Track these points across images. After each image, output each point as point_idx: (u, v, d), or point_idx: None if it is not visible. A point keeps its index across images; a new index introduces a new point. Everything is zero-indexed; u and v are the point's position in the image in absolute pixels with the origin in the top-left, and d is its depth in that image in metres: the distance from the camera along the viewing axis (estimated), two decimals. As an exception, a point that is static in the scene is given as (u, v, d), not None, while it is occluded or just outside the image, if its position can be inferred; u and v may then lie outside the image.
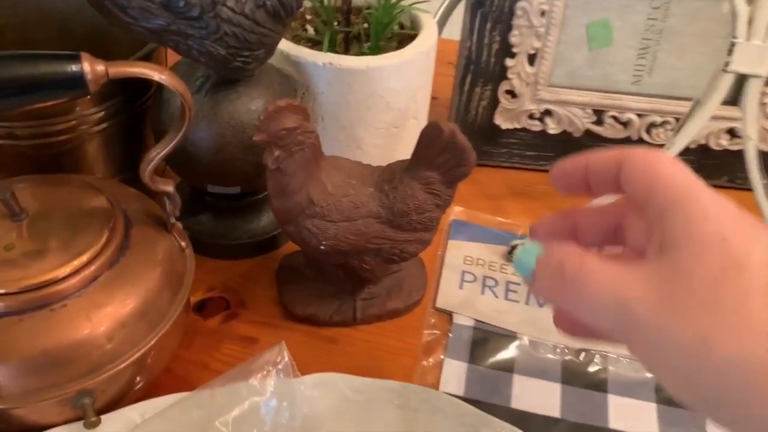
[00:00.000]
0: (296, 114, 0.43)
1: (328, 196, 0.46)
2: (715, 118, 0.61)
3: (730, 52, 0.52)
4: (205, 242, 0.58)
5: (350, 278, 0.53)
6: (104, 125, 0.53)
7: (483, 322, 0.54)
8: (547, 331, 0.54)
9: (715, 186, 0.71)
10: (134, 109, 0.56)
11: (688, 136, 0.56)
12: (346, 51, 0.63)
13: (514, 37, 0.64)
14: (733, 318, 0.23)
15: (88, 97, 0.43)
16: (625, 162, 0.28)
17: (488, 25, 0.64)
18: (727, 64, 0.52)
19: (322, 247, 0.48)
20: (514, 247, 0.60)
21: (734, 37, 0.52)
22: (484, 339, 0.53)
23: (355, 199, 0.47)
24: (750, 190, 0.58)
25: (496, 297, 0.57)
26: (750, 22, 0.51)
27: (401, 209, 0.47)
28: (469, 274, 0.59)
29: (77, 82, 0.36)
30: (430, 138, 0.44)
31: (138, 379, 0.43)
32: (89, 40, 0.62)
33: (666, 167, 0.27)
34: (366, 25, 0.65)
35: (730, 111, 0.59)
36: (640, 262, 0.26)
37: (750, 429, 0.24)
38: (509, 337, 0.54)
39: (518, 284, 0.58)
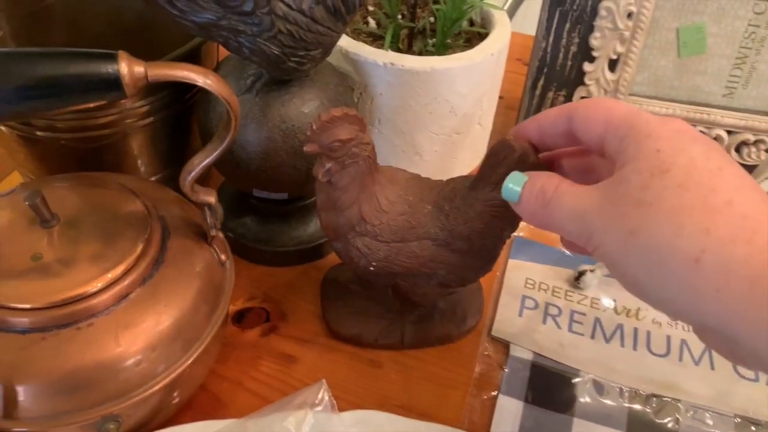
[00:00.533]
0: (352, 124, 0.39)
1: (381, 214, 0.42)
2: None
3: None
4: (248, 247, 0.55)
5: (400, 299, 0.49)
6: (149, 120, 0.50)
7: (543, 356, 0.50)
8: (614, 371, 0.49)
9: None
10: (181, 103, 0.52)
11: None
12: (409, 47, 0.59)
13: (595, 40, 0.58)
14: (652, 211, 0.28)
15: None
16: (574, 115, 0.34)
17: (567, 26, 0.58)
18: None
19: (372, 268, 0.43)
20: (582, 273, 0.55)
21: None
22: (543, 375, 0.49)
23: (411, 218, 0.42)
24: None
25: (559, 328, 0.52)
26: None
27: (462, 232, 0.42)
28: (530, 299, 0.54)
29: (113, 84, 0.33)
30: (498, 157, 0.39)
31: (169, 401, 0.40)
32: (138, 24, 0.59)
33: (613, 107, 0.32)
34: (432, 20, 0.60)
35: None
36: (599, 183, 0.31)
37: (667, 303, 0.29)
38: (571, 374, 0.49)
39: (584, 314, 0.53)
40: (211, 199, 0.41)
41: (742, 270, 0.26)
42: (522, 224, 0.59)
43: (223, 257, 0.43)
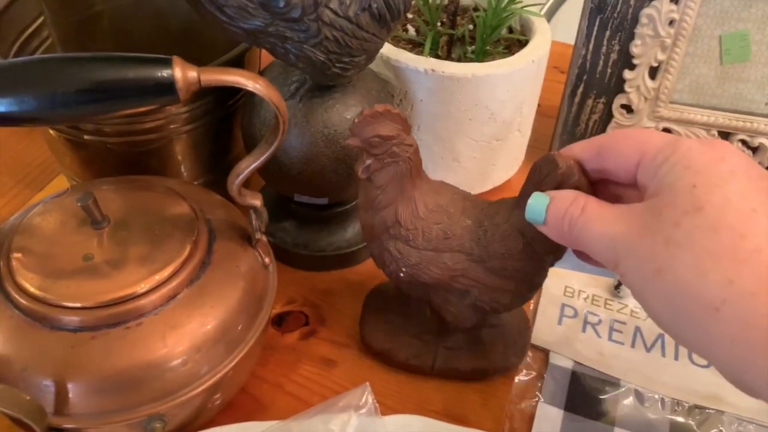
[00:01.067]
0: (394, 122, 0.39)
1: (416, 219, 0.41)
2: None
3: None
4: (287, 251, 0.55)
5: (435, 319, 0.48)
6: (193, 125, 0.51)
7: (583, 365, 0.49)
8: (655, 381, 0.48)
9: None
10: (224, 109, 0.53)
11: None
12: (449, 54, 0.59)
13: (636, 47, 0.58)
14: (680, 252, 0.28)
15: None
16: (604, 147, 0.34)
17: (607, 33, 0.58)
18: None
19: (402, 275, 0.43)
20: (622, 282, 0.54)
21: None
22: (583, 384, 0.48)
23: (447, 228, 0.41)
24: None
25: (599, 337, 0.52)
26: None
27: (497, 250, 0.41)
28: (570, 308, 0.54)
29: (167, 89, 0.33)
30: (541, 173, 0.37)
31: (211, 402, 0.41)
32: (184, 32, 0.60)
33: (650, 136, 0.32)
34: (471, 27, 0.60)
35: None
36: (629, 205, 0.31)
37: (684, 341, 0.29)
38: (612, 384, 0.48)
39: (624, 323, 0.53)
40: (257, 202, 0.41)
41: (760, 322, 0.26)
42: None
43: (266, 260, 0.44)
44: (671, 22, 0.56)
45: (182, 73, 0.33)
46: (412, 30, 0.61)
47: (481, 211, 0.42)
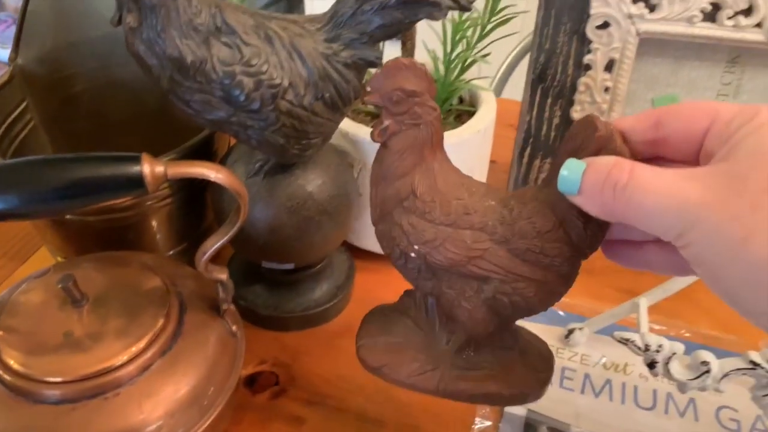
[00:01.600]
0: (419, 79, 0.36)
1: (435, 192, 0.37)
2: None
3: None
4: (258, 314, 0.59)
5: (444, 332, 0.43)
6: (168, 200, 0.55)
7: (536, 412, 0.53)
8: (604, 425, 0.52)
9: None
10: (197, 184, 0.57)
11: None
12: (405, 124, 0.64)
13: (575, 113, 0.63)
14: None
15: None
16: (665, 117, 0.31)
17: (549, 100, 0.63)
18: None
19: (413, 254, 0.37)
20: (572, 331, 0.58)
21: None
22: (537, 430, 0.52)
23: (469, 204, 0.37)
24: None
25: (551, 384, 0.55)
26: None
27: (524, 229, 0.36)
28: (523, 358, 0.57)
29: (137, 183, 0.37)
30: (577, 139, 0.33)
31: (186, 463, 0.44)
32: (159, 110, 0.64)
33: (721, 105, 0.30)
34: (425, 97, 0.65)
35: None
36: (697, 168, 0.28)
37: (763, 317, 0.27)
38: (564, 429, 0.52)
39: (574, 370, 0.56)
40: (223, 276, 0.45)
41: None
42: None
43: (234, 328, 0.47)
44: (606, 89, 0.62)
45: (150, 169, 0.38)
46: (370, 101, 0.66)
47: (507, 194, 0.38)
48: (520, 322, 0.43)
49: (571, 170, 0.31)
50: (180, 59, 0.41)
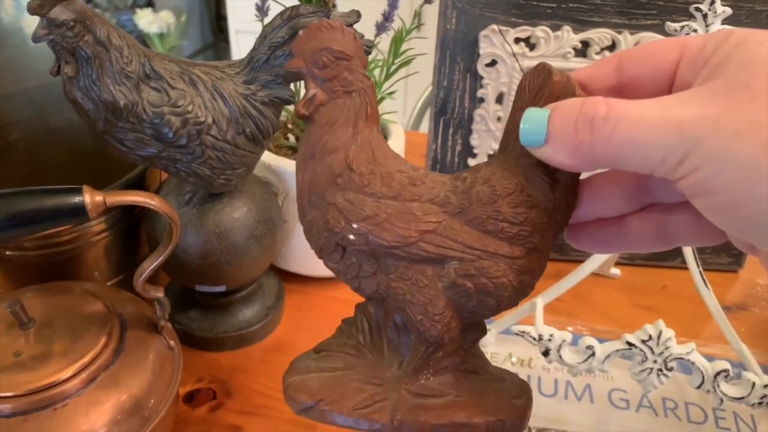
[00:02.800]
0: (348, 41, 0.32)
1: (374, 165, 0.32)
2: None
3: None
4: (194, 336, 0.63)
5: (396, 341, 0.37)
6: (104, 233, 0.60)
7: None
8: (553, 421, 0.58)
9: (670, 267, 0.76)
10: (131, 217, 0.62)
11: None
12: (324, 156, 0.70)
13: (474, 140, 0.71)
14: None
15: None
16: (625, 58, 0.29)
17: (450, 130, 0.71)
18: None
19: (352, 236, 0.31)
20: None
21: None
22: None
23: (414, 176, 0.32)
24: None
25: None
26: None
27: (481, 194, 0.31)
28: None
29: (79, 212, 0.42)
30: (530, 90, 0.30)
31: (131, 469, 0.48)
32: (93, 154, 0.69)
33: (687, 37, 0.28)
34: (342, 132, 0.72)
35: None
36: (682, 92, 0.25)
37: None
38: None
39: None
40: (160, 294, 0.50)
41: None
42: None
43: (171, 343, 0.52)
44: (498, 119, 0.70)
45: (91, 198, 0.43)
46: (292, 138, 0.73)
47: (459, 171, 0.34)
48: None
49: (533, 118, 0.27)
50: (114, 103, 0.47)
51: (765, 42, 0.24)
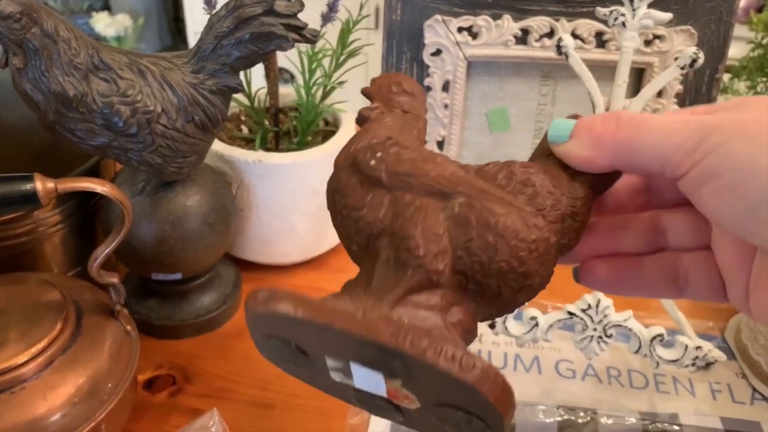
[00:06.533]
0: (414, 86, 0.37)
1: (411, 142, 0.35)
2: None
3: (594, 135, 0.62)
4: (153, 325, 0.64)
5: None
6: (60, 226, 0.60)
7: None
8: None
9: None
10: (87, 209, 0.63)
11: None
12: (277, 146, 0.72)
13: (423, 127, 0.73)
14: None
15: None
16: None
17: (400, 118, 0.73)
18: (593, 145, 0.62)
19: (373, 162, 0.33)
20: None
21: (596, 122, 0.61)
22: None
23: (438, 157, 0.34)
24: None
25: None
26: (607, 110, 0.61)
27: (496, 165, 0.33)
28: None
29: (31, 198, 0.44)
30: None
31: (91, 451, 0.49)
32: (46, 149, 0.69)
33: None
34: (295, 123, 0.74)
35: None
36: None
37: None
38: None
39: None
40: (114, 279, 0.51)
41: None
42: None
43: (128, 328, 0.53)
44: (446, 106, 0.72)
45: (42, 185, 0.44)
46: (245, 129, 0.74)
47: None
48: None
49: (561, 124, 0.30)
50: (63, 94, 0.48)
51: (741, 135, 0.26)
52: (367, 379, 0.29)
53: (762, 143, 0.25)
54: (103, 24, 2.72)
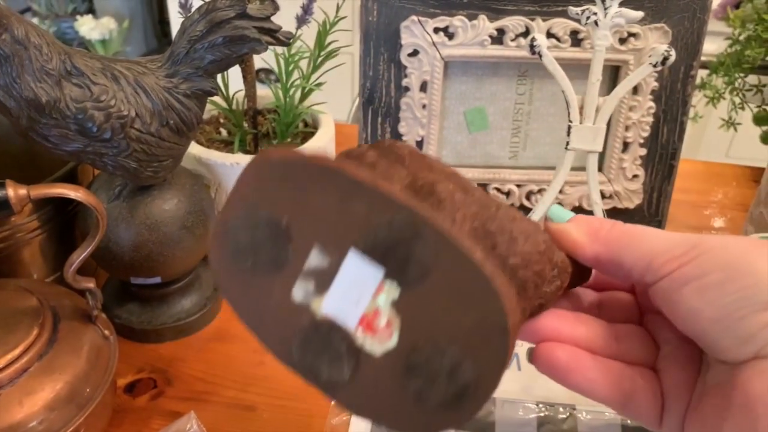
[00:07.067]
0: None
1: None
2: (584, 183, 0.72)
3: (568, 133, 0.62)
4: (133, 329, 0.64)
5: None
6: (38, 231, 0.60)
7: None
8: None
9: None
10: (65, 214, 0.63)
11: (545, 204, 0.65)
12: (256, 149, 0.72)
13: (402, 128, 0.74)
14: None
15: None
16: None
17: (379, 119, 0.74)
18: (567, 143, 0.62)
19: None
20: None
21: (570, 120, 0.62)
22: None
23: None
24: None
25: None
26: (581, 108, 0.61)
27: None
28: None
29: (3, 205, 0.44)
30: None
31: (69, 456, 0.49)
32: (24, 155, 0.69)
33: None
34: (274, 125, 0.74)
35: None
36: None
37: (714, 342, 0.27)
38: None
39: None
40: (91, 284, 0.51)
41: None
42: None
43: (106, 332, 0.53)
44: (424, 106, 0.73)
45: (14, 192, 0.44)
46: (224, 132, 0.74)
47: None
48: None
49: (559, 211, 0.33)
50: (36, 100, 0.48)
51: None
52: (352, 287, 0.25)
53: (750, 247, 0.27)
54: (88, 27, 2.71)
